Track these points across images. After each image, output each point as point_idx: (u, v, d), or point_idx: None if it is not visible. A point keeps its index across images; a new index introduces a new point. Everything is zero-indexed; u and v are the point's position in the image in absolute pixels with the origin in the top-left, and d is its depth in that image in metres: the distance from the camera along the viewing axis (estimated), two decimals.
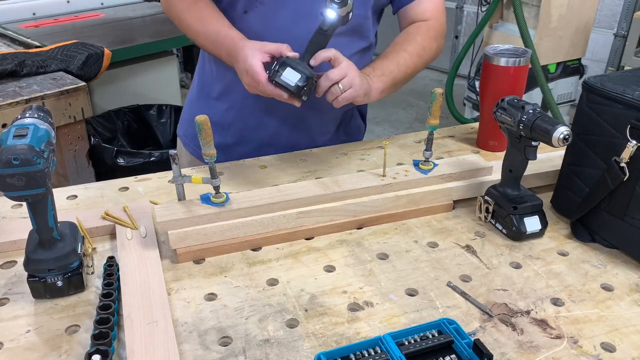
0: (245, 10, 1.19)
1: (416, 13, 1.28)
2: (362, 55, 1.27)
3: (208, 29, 1.17)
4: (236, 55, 1.10)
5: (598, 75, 0.98)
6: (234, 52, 1.11)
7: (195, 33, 1.20)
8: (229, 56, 1.13)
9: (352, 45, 1.23)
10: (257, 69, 1.04)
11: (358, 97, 1.08)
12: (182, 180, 0.96)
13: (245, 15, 1.19)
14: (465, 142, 1.36)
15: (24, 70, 1.92)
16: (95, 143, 2.17)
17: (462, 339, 0.72)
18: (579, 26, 3.38)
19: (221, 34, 1.15)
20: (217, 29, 1.16)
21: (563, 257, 0.95)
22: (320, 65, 1.07)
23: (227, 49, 1.13)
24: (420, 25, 1.28)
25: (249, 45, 1.09)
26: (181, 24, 1.23)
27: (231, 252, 0.95)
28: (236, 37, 1.12)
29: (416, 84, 5.15)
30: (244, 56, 1.06)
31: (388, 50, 1.23)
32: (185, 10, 1.20)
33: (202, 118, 0.88)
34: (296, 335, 0.78)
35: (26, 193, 0.74)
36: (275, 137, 1.31)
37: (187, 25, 1.21)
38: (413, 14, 1.28)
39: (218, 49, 1.16)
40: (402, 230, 1.02)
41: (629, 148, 0.88)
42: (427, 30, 1.27)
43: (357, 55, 1.25)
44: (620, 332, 0.79)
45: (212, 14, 1.18)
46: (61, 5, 2.88)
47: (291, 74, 1.02)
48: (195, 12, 1.19)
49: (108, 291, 0.80)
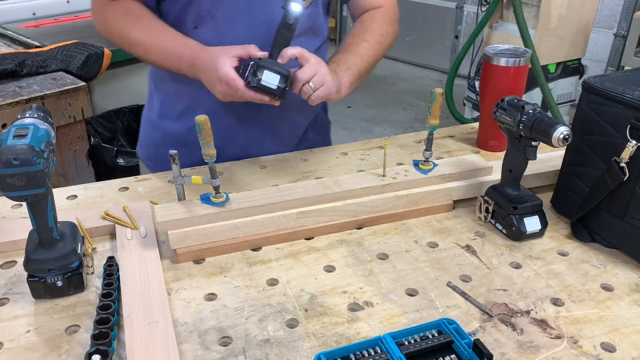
0: (196, 25, 1.14)
1: (369, 1, 1.29)
2: (318, 53, 1.25)
3: (161, 43, 1.11)
4: (201, 65, 1.06)
5: (598, 75, 0.98)
6: (197, 62, 1.06)
7: (146, 49, 1.13)
8: (191, 67, 1.08)
9: (309, 43, 1.22)
10: (232, 75, 1.01)
11: (331, 94, 1.07)
12: (182, 180, 0.96)
13: (196, 30, 1.14)
14: (465, 142, 1.36)
15: (24, 70, 1.92)
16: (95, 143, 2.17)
17: (462, 339, 0.72)
18: (579, 26, 3.38)
19: (177, 46, 1.10)
20: (172, 41, 1.11)
21: (563, 257, 0.95)
22: (288, 63, 1.06)
23: (189, 60, 1.08)
24: (374, 12, 1.28)
25: (215, 52, 1.04)
26: (126, 41, 1.15)
27: (231, 252, 0.95)
28: (195, 46, 1.08)
29: (416, 83, 5.16)
30: (213, 65, 1.02)
31: (347, 42, 1.23)
32: (130, 27, 1.13)
33: (202, 118, 0.88)
34: (296, 335, 0.78)
35: (26, 193, 0.74)
36: (246, 149, 1.28)
37: (134, 42, 1.13)
38: (366, 1, 1.29)
39: (176, 63, 1.10)
40: (402, 230, 1.02)
41: (629, 148, 0.88)
42: (382, 16, 1.28)
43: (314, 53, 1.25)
44: (620, 332, 0.79)
45: (161, 28, 1.13)
46: (61, 5, 2.87)
47: (270, 76, 1.00)
48: (143, 28, 1.13)
49: (108, 291, 0.80)
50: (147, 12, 1.14)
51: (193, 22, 1.14)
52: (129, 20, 1.14)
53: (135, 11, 1.14)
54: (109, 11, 1.15)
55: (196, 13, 1.13)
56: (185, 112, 1.26)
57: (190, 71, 1.09)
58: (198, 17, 1.13)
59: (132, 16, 1.14)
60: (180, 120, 1.28)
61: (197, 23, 1.14)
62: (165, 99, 1.30)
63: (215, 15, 1.13)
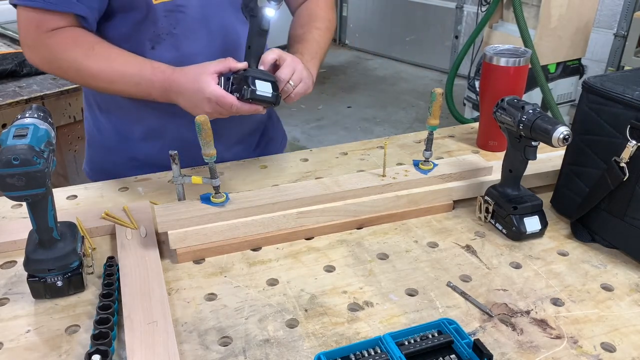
0: (153, 45, 1.10)
1: None
2: None
3: (127, 70, 1.03)
4: (178, 88, 1.01)
5: (598, 75, 0.98)
6: (173, 86, 1.01)
7: (109, 79, 1.03)
8: (165, 92, 1.03)
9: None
10: (221, 93, 0.98)
11: (309, 89, 1.08)
12: (182, 180, 0.96)
13: (154, 51, 1.10)
14: (465, 142, 1.36)
15: (24, 70, 1.92)
16: None
17: (462, 339, 0.72)
18: (579, 26, 3.38)
19: (146, 72, 1.03)
20: (139, 67, 1.03)
21: (563, 257, 0.96)
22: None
23: (161, 85, 1.02)
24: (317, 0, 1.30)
25: (193, 73, 1.00)
26: (81, 74, 1.04)
27: (231, 252, 0.95)
28: (167, 69, 1.03)
29: (416, 83, 5.16)
30: (196, 87, 0.98)
31: (299, 32, 1.23)
32: (85, 58, 1.02)
33: (202, 118, 0.88)
34: (296, 335, 0.78)
35: (26, 193, 0.74)
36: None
37: (93, 73, 1.03)
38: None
39: (146, 89, 1.03)
40: (402, 230, 1.02)
41: (629, 148, 0.88)
42: (325, 2, 1.29)
43: None
44: (620, 332, 0.79)
45: (120, 54, 1.04)
46: None
47: (262, 85, 0.99)
48: (100, 57, 1.03)
49: (108, 291, 0.80)
50: (98, 39, 1.06)
51: (150, 43, 1.09)
52: (80, 49, 1.03)
53: (85, 39, 1.04)
54: (52, 43, 1.03)
55: (153, 33, 1.08)
56: (152, 134, 1.21)
57: (163, 96, 1.04)
58: (155, 36, 1.08)
59: (83, 45, 1.03)
60: (147, 141, 1.22)
61: (154, 43, 1.09)
62: (122, 122, 1.21)
63: (173, 32, 1.09)
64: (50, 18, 1.02)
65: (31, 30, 1.04)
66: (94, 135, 1.28)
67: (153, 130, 1.21)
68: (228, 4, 1.13)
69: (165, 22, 1.08)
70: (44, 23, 1.02)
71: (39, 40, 1.04)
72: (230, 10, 1.13)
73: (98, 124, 1.25)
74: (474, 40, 3.66)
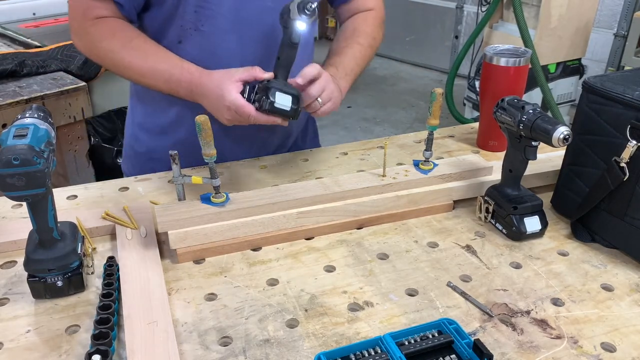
0: (180, 40, 1.11)
1: (361, 4, 1.29)
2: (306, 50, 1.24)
3: (157, 66, 1.07)
4: (203, 91, 1.04)
5: (598, 75, 0.98)
6: (198, 88, 1.04)
7: (140, 72, 1.08)
8: (190, 93, 1.06)
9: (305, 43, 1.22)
10: (241, 102, 0.99)
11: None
12: (182, 180, 0.96)
13: (181, 45, 1.11)
14: (465, 142, 1.36)
15: (24, 70, 1.92)
16: (95, 143, 2.17)
17: (462, 339, 0.72)
18: (579, 26, 3.39)
19: (175, 71, 1.06)
20: (169, 65, 1.07)
21: (563, 257, 0.95)
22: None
23: (188, 85, 1.05)
24: (366, 15, 1.28)
25: (218, 79, 1.02)
26: (116, 64, 1.09)
27: (231, 252, 0.95)
28: (196, 71, 1.05)
29: (416, 83, 5.16)
30: (219, 93, 1.00)
31: (341, 45, 1.22)
32: (122, 49, 1.07)
33: (202, 118, 0.88)
34: (296, 335, 0.78)
35: (26, 193, 0.74)
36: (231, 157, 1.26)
37: (126, 64, 1.08)
38: (358, 5, 1.29)
39: (174, 87, 1.07)
40: (402, 230, 1.02)
41: (629, 148, 0.88)
42: (373, 19, 1.28)
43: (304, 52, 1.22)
44: (620, 332, 0.79)
45: (155, 49, 1.08)
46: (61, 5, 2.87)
47: (282, 98, 0.99)
48: (135, 50, 1.07)
49: (108, 291, 0.80)
50: (137, 32, 1.10)
51: (177, 37, 1.11)
52: (119, 41, 1.08)
53: (124, 31, 1.09)
54: (94, 31, 1.08)
55: (180, 27, 1.09)
56: (169, 128, 1.23)
57: (189, 96, 1.07)
58: (182, 31, 1.10)
59: (122, 37, 1.08)
60: (166, 134, 1.24)
61: (181, 37, 1.11)
62: (148, 112, 1.25)
63: (201, 30, 1.09)
64: (94, 6, 1.07)
65: (78, 17, 1.10)
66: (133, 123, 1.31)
67: (172, 123, 1.22)
68: (269, 10, 1.10)
69: (192, 16, 1.09)
70: (89, 10, 1.08)
71: (83, 28, 1.09)
72: (271, 16, 1.11)
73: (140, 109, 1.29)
74: (474, 40, 3.66)
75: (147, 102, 1.24)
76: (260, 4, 1.10)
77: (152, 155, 1.27)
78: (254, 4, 1.10)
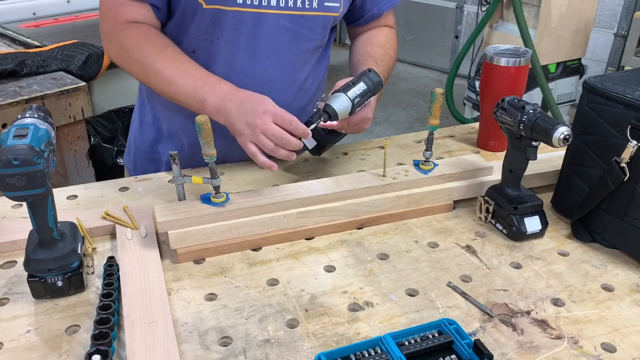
0: (194, 50, 1.11)
1: (383, 19, 1.30)
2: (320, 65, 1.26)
3: (190, 72, 1.05)
4: (239, 97, 1.02)
5: (598, 76, 0.98)
6: (233, 95, 1.02)
7: (170, 79, 1.05)
8: (221, 98, 1.03)
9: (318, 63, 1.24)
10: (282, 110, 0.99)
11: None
12: (182, 180, 0.96)
13: (194, 55, 1.10)
14: (465, 142, 1.36)
15: (24, 70, 1.92)
16: (95, 143, 2.16)
17: (463, 339, 0.72)
18: (579, 26, 3.38)
19: (212, 78, 1.05)
20: (203, 73, 1.06)
21: (563, 257, 0.95)
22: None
23: (222, 92, 1.03)
24: (389, 31, 1.31)
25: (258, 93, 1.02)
26: (146, 69, 1.06)
27: (231, 252, 0.95)
28: (231, 84, 1.05)
29: (416, 83, 5.16)
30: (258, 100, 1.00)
31: (375, 51, 1.22)
32: (153, 55, 1.05)
33: (202, 118, 0.88)
34: (296, 335, 0.78)
35: (26, 193, 0.74)
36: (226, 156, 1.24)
37: (156, 70, 1.05)
38: (380, 20, 1.30)
39: (203, 93, 1.04)
40: (403, 231, 1.02)
41: (630, 148, 0.88)
42: (395, 35, 1.31)
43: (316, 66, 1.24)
44: (620, 332, 0.79)
45: (189, 60, 1.07)
46: (61, 5, 2.87)
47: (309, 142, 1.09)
48: (169, 57, 1.06)
49: (108, 291, 0.80)
50: (170, 41, 1.08)
51: (191, 47, 1.11)
52: (152, 46, 1.06)
53: (158, 38, 1.08)
54: (126, 35, 1.07)
55: (195, 37, 1.10)
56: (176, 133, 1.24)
57: (217, 103, 1.03)
58: (197, 41, 1.10)
59: (156, 43, 1.07)
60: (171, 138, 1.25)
61: (194, 47, 1.11)
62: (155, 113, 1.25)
63: (216, 42, 1.09)
64: (127, 10, 1.06)
65: (109, 20, 1.08)
66: (140, 121, 1.30)
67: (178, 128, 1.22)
68: (284, 29, 1.11)
69: (210, 28, 1.08)
70: (121, 13, 1.06)
71: (114, 32, 1.08)
72: (285, 35, 1.11)
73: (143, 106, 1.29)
74: (474, 40, 3.65)
75: (155, 104, 1.25)
76: (277, 22, 1.10)
77: (156, 155, 1.27)
78: (271, 22, 1.10)
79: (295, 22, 1.11)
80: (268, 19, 1.09)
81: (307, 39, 1.15)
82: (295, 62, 1.16)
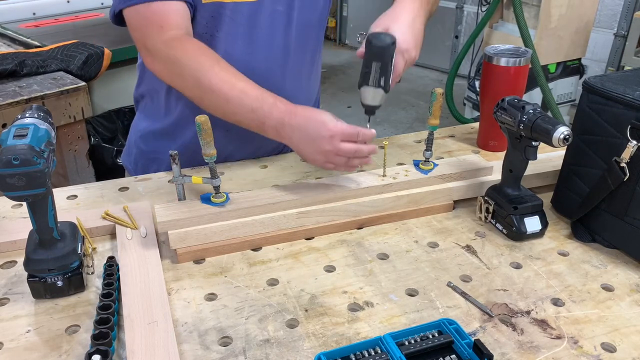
0: None
1: None
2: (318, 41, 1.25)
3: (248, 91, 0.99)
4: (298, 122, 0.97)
5: (598, 76, 0.98)
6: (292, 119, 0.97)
7: (226, 97, 0.99)
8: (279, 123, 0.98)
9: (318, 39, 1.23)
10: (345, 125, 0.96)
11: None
12: (182, 180, 0.96)
13: None
14: (465, 142, 1.36)
15: (24, 70, 1.92)
16: (95, 143, 2.17)
17: (462, 339, 0.72)
18: (579, 26, 3.38)
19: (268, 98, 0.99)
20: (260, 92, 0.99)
21: (563, 257, 0.95)
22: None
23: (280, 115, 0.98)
24: None
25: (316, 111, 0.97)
26: (200, 85, 0.99)
27: (231, 252, 0.95)
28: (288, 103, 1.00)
29: (416, 83, 5.16)
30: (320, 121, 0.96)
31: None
32: (209, 70, 0.99)
33: (202, 118, 0.88)
34: (296, 335, 0.78)
35: (26, 193, 0.74)
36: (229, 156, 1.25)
37: (213, 87, 0.98)
38: None
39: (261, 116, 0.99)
40: (403, 230, 1.02)
41: (630, 148, 0.88)
42: None
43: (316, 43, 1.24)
44: (620, 332, 0.79)
45: (243, 76, 1.01)
46: (61, 5, 2.87)
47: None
48: (224, 71, 1.00)
49: (108, 291, 0.80)
50: (217, 55, 1.03)
51: None
52: (208, 59, 1.00)
53: (210, 52, 1.02)
54: (178, 47, 1.00)
55: (197, 34, 1.07)
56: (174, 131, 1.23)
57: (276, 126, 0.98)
58: (198, 37, 1.06)
59: (210, 56, 1.01)
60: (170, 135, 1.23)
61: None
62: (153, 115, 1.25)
63: (214, 34, 1.08)
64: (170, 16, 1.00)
65: (153, 33, 1.00)
66: (142, 121, 1.29)
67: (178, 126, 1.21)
68: (279, 14, 1.10)
69: (210, 22, 1.08)
70: (166, 20, 1.00)
71: (163, 45, 1.00)
72: (280, 21, 1.11)
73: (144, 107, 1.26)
74: (474, 40, 3.65)
75: (152, 105, 1.25)
76: (271, 7, 1.11)
77: (156, 155, 1.27)
78: (267, 8, 1.10)
79: (286, 5, 1.11)
80: (264, 7, 1.10)
81: (304, 24, 1.16)
82: (293, 47, 1.16)
